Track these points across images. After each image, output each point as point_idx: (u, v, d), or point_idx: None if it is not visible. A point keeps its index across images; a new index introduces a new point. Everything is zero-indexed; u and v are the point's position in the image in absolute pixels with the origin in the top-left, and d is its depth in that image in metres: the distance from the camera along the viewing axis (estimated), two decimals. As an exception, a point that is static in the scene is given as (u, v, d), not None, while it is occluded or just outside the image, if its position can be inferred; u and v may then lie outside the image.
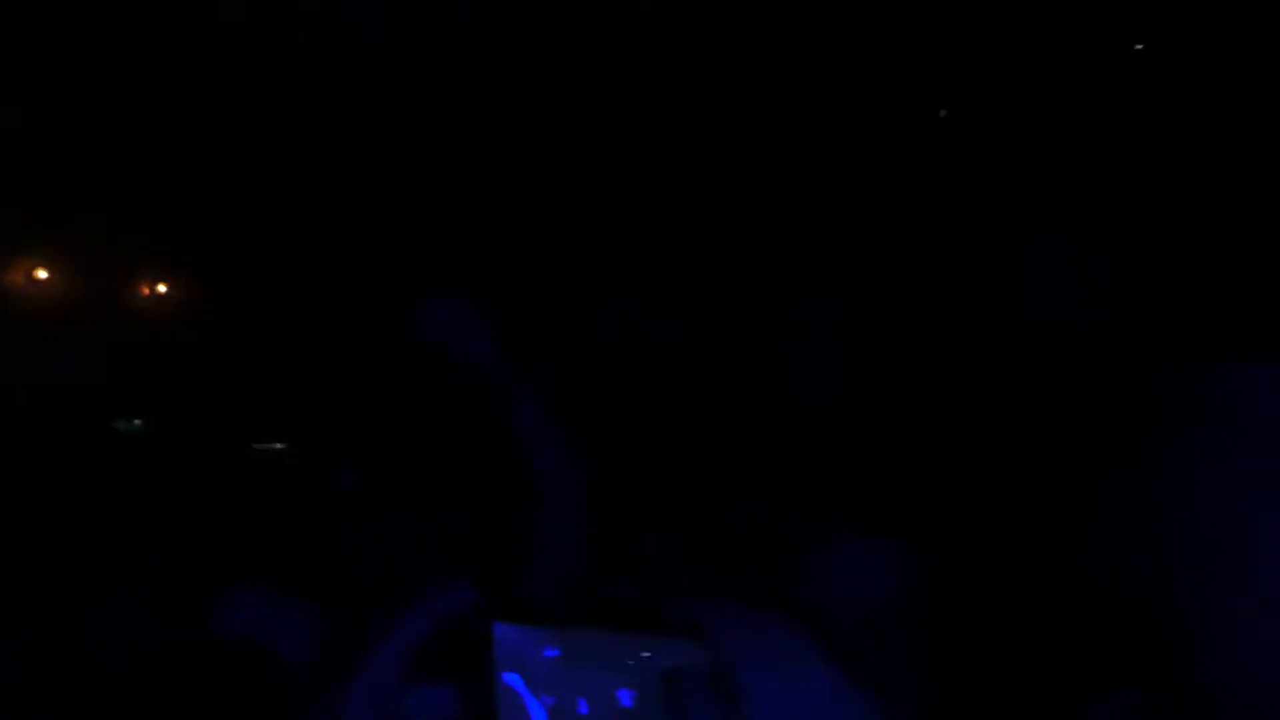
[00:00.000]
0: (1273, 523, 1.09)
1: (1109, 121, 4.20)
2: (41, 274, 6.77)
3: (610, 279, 5.06)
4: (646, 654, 0.81)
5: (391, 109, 6.77)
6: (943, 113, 4.96)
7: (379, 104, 6.87)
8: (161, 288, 7.15)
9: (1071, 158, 4.07)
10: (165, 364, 6.70)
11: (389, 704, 0.89)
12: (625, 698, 0.83)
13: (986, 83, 4.74)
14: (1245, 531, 1.09)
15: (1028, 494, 2.34)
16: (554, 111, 6.28)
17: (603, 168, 5.94)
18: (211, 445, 6.44)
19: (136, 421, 6.92)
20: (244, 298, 6.79)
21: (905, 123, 4.73)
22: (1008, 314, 3.12)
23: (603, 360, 4.22)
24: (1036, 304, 3.08)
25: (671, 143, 5.60)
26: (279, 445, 6.94)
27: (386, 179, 6.79)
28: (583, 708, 0.84)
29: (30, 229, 6.67)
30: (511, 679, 0.87)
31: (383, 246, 6.81)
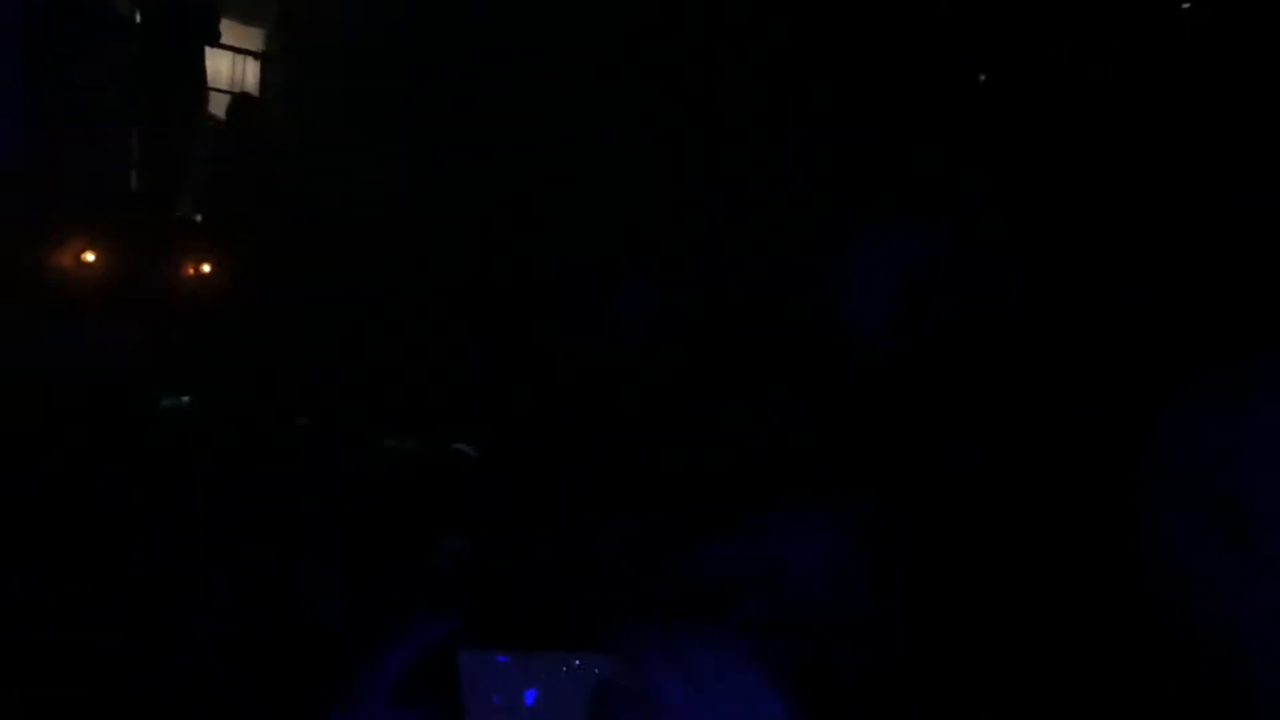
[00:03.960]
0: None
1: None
2: (89, 256, 6.90)
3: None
4: (576, 665, 0.93)
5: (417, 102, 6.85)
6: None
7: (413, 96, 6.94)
8: (205, 268, 7.27)
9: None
10: (210, 343, 6.83)
11: None
12: (550, 704, 0.97)
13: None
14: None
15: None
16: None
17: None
18: (255, 422, 6.56)
19: (184, 399, 7.06)
20: (285, 277, 6.89)
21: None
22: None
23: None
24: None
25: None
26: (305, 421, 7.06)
27: (415, 168, 6.86)
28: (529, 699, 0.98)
29: (76, 212, 6.80)
30: (471, 689, 1.00)
31: (419, 229, 6.90)
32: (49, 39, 6.57)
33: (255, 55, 8.08)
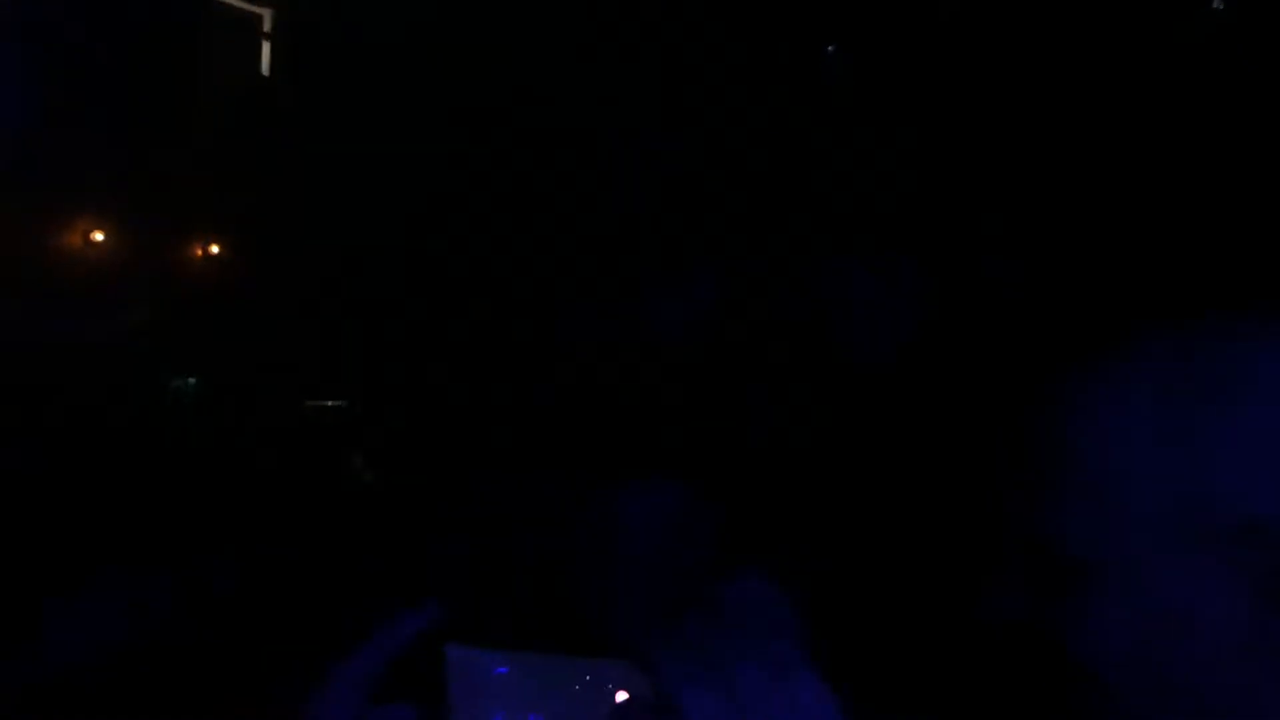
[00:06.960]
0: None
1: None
2: (97, 236, 6.90)
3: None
4: (589, 676, 0.83)
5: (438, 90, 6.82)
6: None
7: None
8: (214, 248, 7.27)
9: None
10: (217, 323, 6.82)
11: None
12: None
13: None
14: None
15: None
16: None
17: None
18: (264, 403, 6.55)
19: (190, 380, 7.06)
20: (294, 257, 6.88)
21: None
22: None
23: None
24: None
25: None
26: (330, 403, 7.05)
27: (429, 152, 6.84)
28: None
29: (86, 191, 6.80)
30: (464, 700, 0.90)
31: (430, 210, 6.88)
32: (59, 21, 6.56)
33: (265, 36, 8.06)
